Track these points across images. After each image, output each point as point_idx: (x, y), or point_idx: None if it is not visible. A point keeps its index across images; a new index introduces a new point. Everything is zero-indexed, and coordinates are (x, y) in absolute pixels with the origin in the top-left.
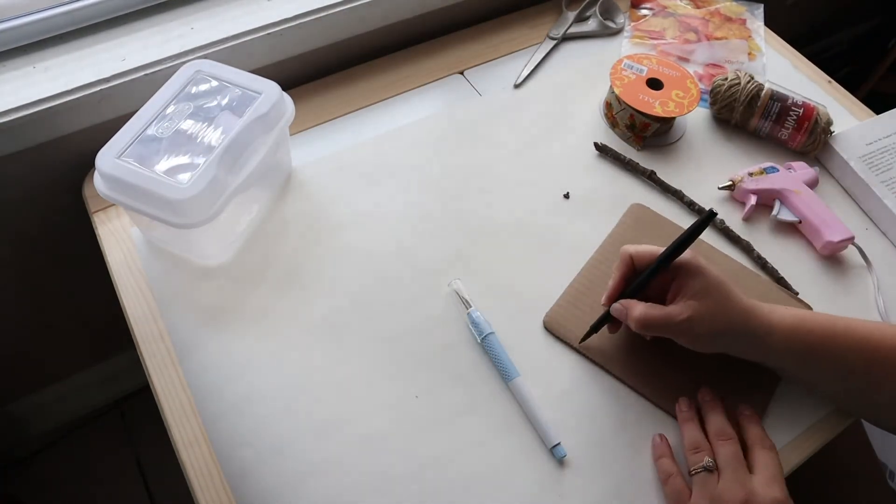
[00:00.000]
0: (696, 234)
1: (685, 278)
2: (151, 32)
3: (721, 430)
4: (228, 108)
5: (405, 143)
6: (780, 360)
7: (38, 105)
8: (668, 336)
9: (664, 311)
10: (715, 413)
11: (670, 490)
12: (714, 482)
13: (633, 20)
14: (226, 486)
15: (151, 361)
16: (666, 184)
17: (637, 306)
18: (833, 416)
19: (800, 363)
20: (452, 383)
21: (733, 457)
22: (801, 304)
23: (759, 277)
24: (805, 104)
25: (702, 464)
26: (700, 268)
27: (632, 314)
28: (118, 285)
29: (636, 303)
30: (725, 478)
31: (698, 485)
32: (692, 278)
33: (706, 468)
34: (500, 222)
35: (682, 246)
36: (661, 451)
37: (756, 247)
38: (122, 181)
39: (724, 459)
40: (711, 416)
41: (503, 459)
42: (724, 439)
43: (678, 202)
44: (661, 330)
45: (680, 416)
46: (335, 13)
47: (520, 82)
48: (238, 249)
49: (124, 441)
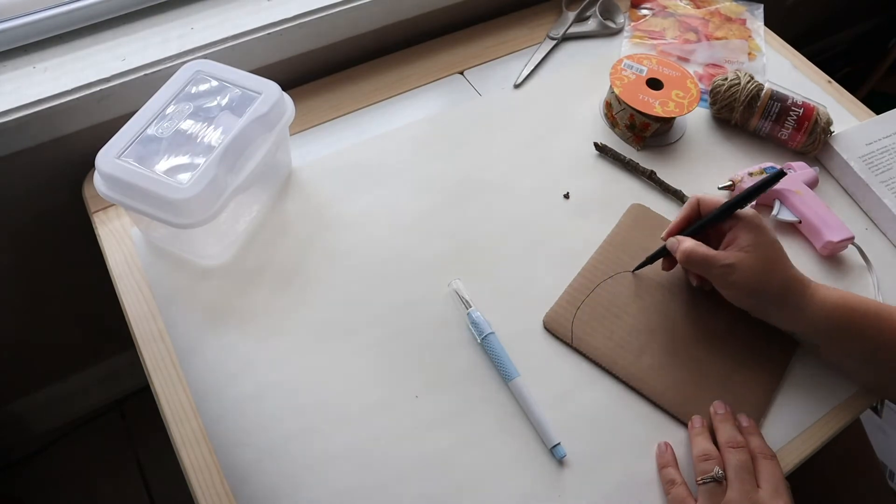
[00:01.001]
0: (762, 190)
1: (741, 230)
2: (151, 32)
3: (732, 438)
4: (228, 108)
5: (405, 143)
6: (814, 334)
7: (38, 105)
8: (707, 277)
9: (711, 251)
10: (726, 423)
11: (673, 499)
12: (721, 494)
13: (633, 20)
14: (226, 486)
15: (151, 361)
16: (666, 184)
17: (687, 240)
18: (833, 416)
19: (835, 338)
20: (452, 383)
21: (743, 466)
22: None
23: None
24: (805, 104)
25: (711, 474)
26: (758, 225)
27: (681, 246)
28: (118, 285)
29: (688, 238)
30: (733, 488)
31: (704, 495)
32: (748, 231)
33: (715, 479)
34: (500, 222)
35: (746, 199)
36: (665, 460)
37: None
38: (122, 181)
39: (733, 468)
40: (722, 426)
41: (503, 459)
42: (735, 447)
43: (678, 202)
44: (703, 268)
45: (692, 430)
46: (335, 13)
47: (520, 82)
48: (238, 249)
49: (124, 441)
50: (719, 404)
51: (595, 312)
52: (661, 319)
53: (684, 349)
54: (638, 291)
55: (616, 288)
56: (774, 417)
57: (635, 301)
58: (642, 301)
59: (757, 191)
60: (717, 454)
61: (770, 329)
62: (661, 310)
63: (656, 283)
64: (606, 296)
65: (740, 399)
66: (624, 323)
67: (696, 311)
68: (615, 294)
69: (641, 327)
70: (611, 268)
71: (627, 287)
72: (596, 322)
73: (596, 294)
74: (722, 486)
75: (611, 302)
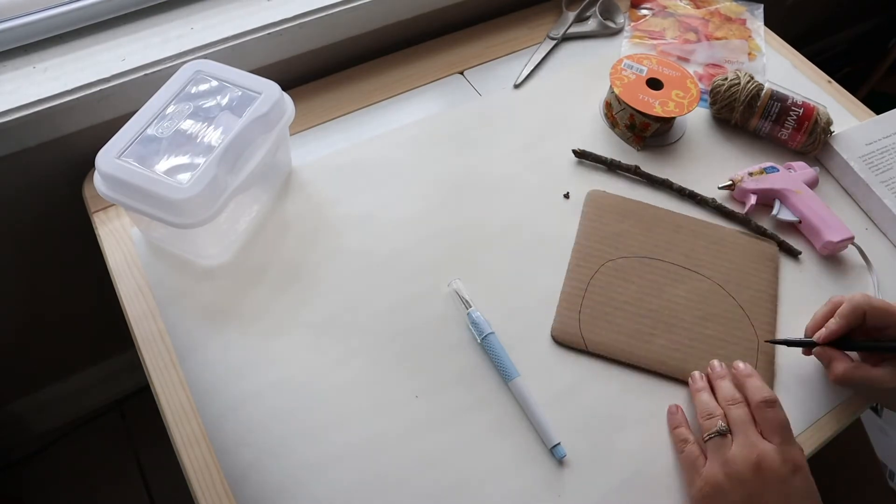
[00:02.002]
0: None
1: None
2: (151, 32)
3: (731, 395)
4: (228, 108)
5: (405, 143)
6: None
7: (38, 105)
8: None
9: (869, 374)
10: (724, 380)
11: (686, 457)
12: (728, 446)
13: (633, 20)
14: (226, 486)
15: (151, 361)
16: (652, 176)
17: (840, 363)
18: (833, 416)
19: None
20: (453, 383)
21: (744, 419)
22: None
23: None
24: (805, 104)
25: (715, 428)
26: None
27: (834, 370)
28: (118, 285)
29: (841, 357)
30: (738, 441)
31: (712, 449)
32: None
33: (719, 432)
34: (501, 222)
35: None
36: (676, 420)
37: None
38: (122, 181)
39: (735, 421)
40: (720, 383)
41: (503, 459)
42: (733, 403)
43: (668, 190)
44: (861, 389)
45: (693, 386)
46: (335, 13)
47: (520, 82)
48: (238, 249)
49: (124, 441)
50: (715, 363)
51: (596, 311)
52: (658, 298)
53: (690, 321)
54: (627, 276)
55: (606, 280)
56: None
57: (629, 287)
58: (635, 285)
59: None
60: (720, 411)
61: (751, 275)
62: (655, 289)
63: (639, 262)
64: (600, 290)
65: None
66: (627, 312)
67: (683, 283)
68: (607, 286)
69: (644, 311)
70: (594, 262)
71: (616, 276)
72: (601, 320)
73: (590, 292)
74: (727, 438)
75: (607, 295)
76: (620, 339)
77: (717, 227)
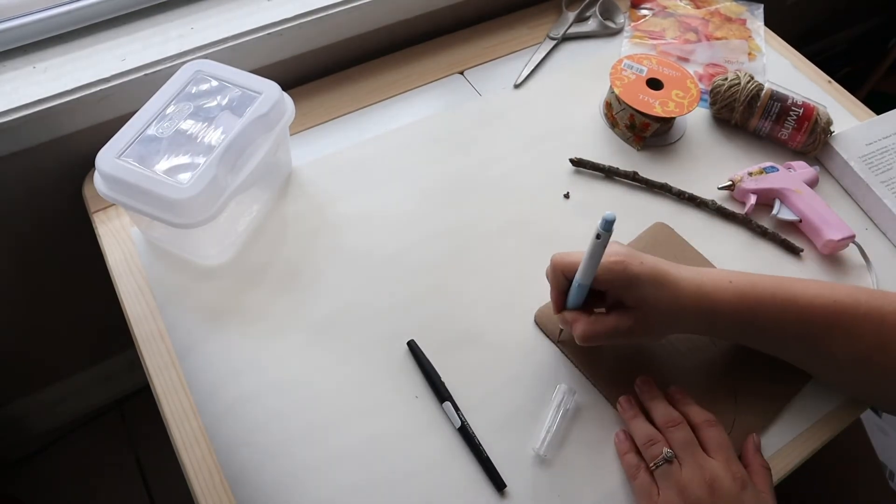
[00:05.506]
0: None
1: (617, 290)
2: (151, 32)
3: (669, 416)
4: (228, 108)
5: (405, 143)
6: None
7: (38, 105)
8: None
9: (605, 323)
10: (657, 401)
11: (639, 485)
12: (677, 472)
13: (633, 20)
14: (226, 486)
15: (151, 361)
16: (650, 181)
17: (579, 323)
18: (833, 416)
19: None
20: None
21: (688, 441)
22: None
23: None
24: (805, 104)
25: (662, 456)
26: (628, 275)
27: (575, 331)
28: (118, 285)
29: (578, 317)
30: (688, 464)
31: (663, 477)
32: (624, 290)
33: (666, 459)
34: (501, 222)
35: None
36: (624, 447)
37: (755, 246)
38: (122, 181)
39: (679, 445)
40: (653, 404)
41: (503, 459)
42: (673, 425)
43: (667, 194)
44: (608, 341)
45: (625, 415)
46: (335, 13)
47: (520, 82)
48: (238, 249)
49: (124, 441)
50: (642, 380)
51: None
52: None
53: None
54: None
55: None
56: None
57: None
58: None
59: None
60: (659, 436)
61: None
62: None
63: None
64: None
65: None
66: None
67: None
68: None
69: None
70: None
71: None
72: None
73: None
74: (674, 464)
75: None
76: (589, 349)
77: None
